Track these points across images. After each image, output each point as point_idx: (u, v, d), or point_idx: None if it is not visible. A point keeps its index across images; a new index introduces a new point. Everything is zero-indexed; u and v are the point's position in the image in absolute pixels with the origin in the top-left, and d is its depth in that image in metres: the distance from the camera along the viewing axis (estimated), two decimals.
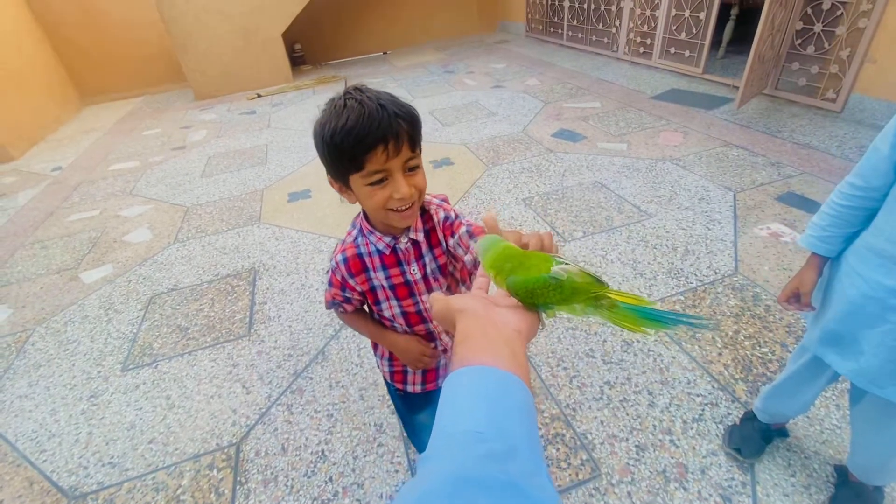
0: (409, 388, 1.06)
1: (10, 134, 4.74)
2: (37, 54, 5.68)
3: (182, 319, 2.11)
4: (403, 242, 0.84)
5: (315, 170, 3.48)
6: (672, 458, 1.33)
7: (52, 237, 3.04)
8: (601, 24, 5.41)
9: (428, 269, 0.88)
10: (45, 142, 5.24)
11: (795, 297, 1.03)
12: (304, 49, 7.03)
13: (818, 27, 3.13)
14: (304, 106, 5.16)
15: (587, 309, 0.45)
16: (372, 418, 1.55)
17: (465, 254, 0.82)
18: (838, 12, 3.02)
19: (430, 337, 0.97)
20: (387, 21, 7.38)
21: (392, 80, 5.76)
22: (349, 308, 0.94)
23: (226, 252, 2.58)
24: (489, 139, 3.59)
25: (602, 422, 1.45)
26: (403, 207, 0.74)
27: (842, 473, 1.19)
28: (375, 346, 1.07)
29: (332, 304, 0.93)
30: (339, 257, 0.86)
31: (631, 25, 4.91)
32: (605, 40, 5.41)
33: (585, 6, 5.58)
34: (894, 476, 1.10)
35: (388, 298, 0.90)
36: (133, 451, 1.55)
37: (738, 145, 2.99)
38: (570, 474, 1.32)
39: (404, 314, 0.92)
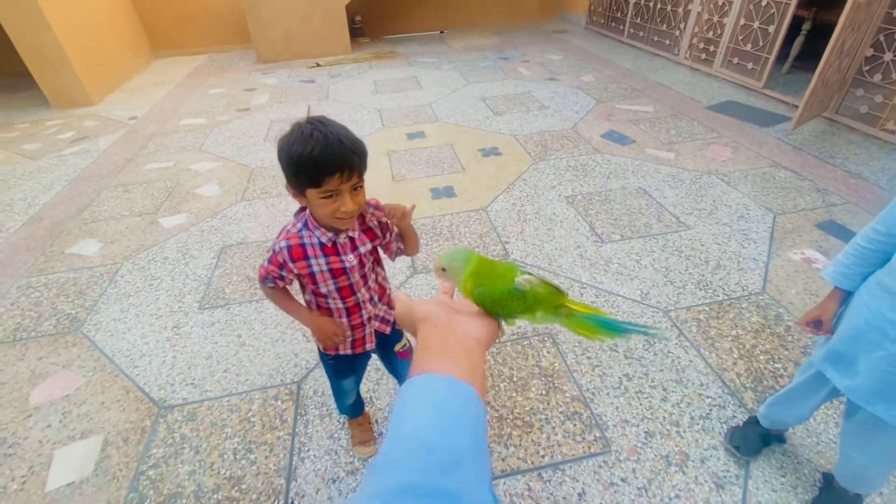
0: (342, 352, 1.26)
1: (92, 80, 5.12)
2: (117, 3, 6.03)
3: (250, 271, 2.38)
4: (342, 238, 1.05)
5: (370, 146, 3.68)
6: (676, 446, 1.50)
7: (132, 182, 3.37)
8: (665, 25, 5.34)
9: (361, 253, 1.10)
10: (121, 90, 5.63)
11: (815, 323, 1.17)
12: (364, 21, 7.17)
13: (888, 56, 3.07)
14: (362, 80, 5.34)
15: (547, 317, 0.48)
16: None
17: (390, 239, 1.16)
18: None
19: (357, 307, 1.17)
20: (445, 0, 7.41)
21: (447, 61, 5.86)
22: (280, 284, 1.12)
23: (287, 215, 2.83)
24: (538, 133, 3.70)
25: (617, 407, 1.63)
26: (346, 217, 0.96)
27: (828, 479, 1.34)
28: None
29: (266, 278, 1.11)
30: (283, 244, 1.03)
31: (696, 30, 4.84)
32: (667, 42, 5.33)
33: (651, 4, 5.49)
34: (874, 486, 1.25)
35: (325, 280, 1.09)
36: (211, 376, 1.84)
37: (786, 167, 3.01)
38: (583, 447, 1.52)
39: (338, 289, 1.11)
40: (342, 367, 1.36)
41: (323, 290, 1.12)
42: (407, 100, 4.63)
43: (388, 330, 1.29)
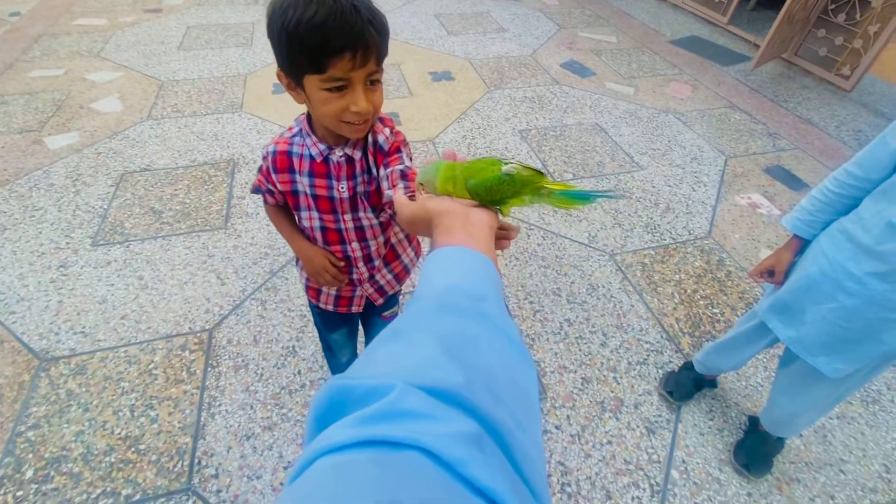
0: (322, 306, 1.06)
1: None
2: None
3: (156, 202, 2.05)
4: (337, 155, 0.79)
5: None
6: (612, 392, 1.48)
7: (11, 93, 2.79)
8: None
9: (358, 190, 0.83)
10: None
11: (768, 273, 1.09)
12: None
13: None
14: None
15: (533, 199, 0.52)
16: None
17: (388, 188, 0.75)
18: None
19: (345, 261, 0.95)
20: None
21: None
22: (270, 200, 0.92)
23: (204, 138, 2.45)
24: (495, 58, 3.38)
25: (556, 353, 1.57)
26: (358, 122, 0.70)
27: (753, 422, 1.36)
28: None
29: (256, 189, 0.91)
30: (270, 148, 0.83)
31: None
32: None
33: None
34: (797, 431, 1.27)
35: (309, 208, 0.86)
36: (105, 324, 1.59)
37: (742, 109, 2.94)
38: None
39: (323, 229, 0.89)
40: (329, 320, 1.14)
41: (306, 223, 0.88)
42: None
43: (380, 301, 1.06)
